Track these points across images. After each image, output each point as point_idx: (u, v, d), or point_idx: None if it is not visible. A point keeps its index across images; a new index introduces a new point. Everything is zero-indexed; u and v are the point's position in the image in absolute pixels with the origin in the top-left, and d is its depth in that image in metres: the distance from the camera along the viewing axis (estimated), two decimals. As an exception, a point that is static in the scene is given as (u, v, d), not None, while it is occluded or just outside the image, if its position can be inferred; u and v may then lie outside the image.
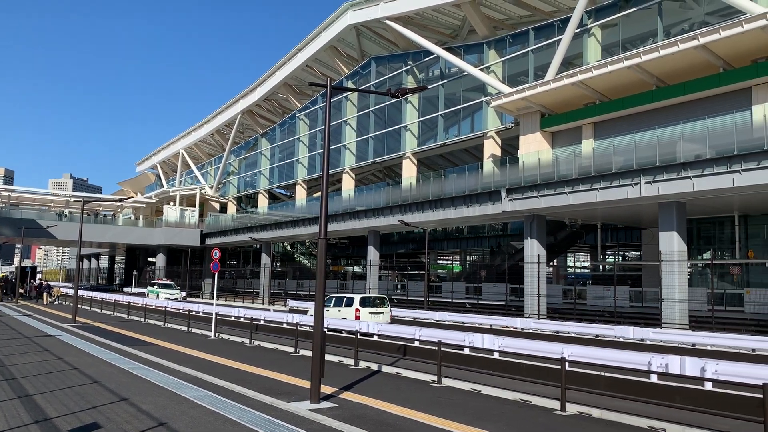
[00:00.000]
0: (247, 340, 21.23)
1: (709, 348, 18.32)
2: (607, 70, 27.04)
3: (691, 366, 11.67)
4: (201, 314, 29.74)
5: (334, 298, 27.06)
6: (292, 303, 41.24)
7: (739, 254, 29.57)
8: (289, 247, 74.72)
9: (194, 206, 69.35)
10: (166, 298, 38.99)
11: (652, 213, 26.99)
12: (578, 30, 30.35)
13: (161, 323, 28.45)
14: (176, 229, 65.59)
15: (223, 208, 71.02)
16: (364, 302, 25.82)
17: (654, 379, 11.72)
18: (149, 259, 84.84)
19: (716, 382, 10.74)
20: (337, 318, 24.38)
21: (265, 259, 57.40)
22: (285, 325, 24.33)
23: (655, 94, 27.19)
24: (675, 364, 11.91)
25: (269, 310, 36.71)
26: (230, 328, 25.24)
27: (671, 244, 25.01)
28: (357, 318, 20.87)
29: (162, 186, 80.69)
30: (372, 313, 25.14)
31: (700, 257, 31.96)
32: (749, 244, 30.12)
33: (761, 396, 8.15)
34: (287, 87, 55.42)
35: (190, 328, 26.02)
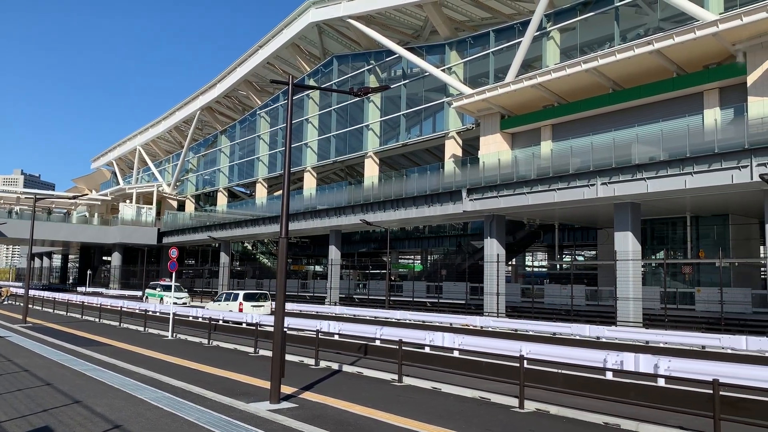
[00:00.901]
0: (205, 341, 20.92)
1: (661, 345, 18.83)
2: (566, 73, 27.55)
3: (644, 363, 11.98)
4: (158, 314, 29.19)
5: (224, 295, 33.04)
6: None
7: (691, 254, 30.48)
8: (249, 247, 73.92)
9: (151, 204, 67.99)
10: (173, 304, 27.32)
11: (607, 213, 27.61)
12: (538, 33, 30.84)
13: (116, 323, 27.80)
14: (132, 227, 64.21)
15: (181, 207, 69.84)
16: (247, 297, 31.14)
17: (609, 376, 11.99)
18: (104, 258, 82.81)
19: (668, 379, 11.05)
20: (225, 310, 29.60)
21: (224, 258, 56.67)
22: (244, 325, 24.07)
23: (612, 97, 27.83)
24: (629, 361, 12.21)
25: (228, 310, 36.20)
26: (188, 329, 24.83)
27: (626, 243, 25.63)
28: (240, 310, 22.82)
29: (118, 183, 78.90)
30: (254, 306, 30.21)
31: (653, 257, 32.82)
32: (700, 244, 31.07)
33: (711, 392, 8.42)
34: (248, 84, 54.81)
35: (146, 329, 25.50)
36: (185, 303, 39.58)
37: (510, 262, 44.28)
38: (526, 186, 28.23)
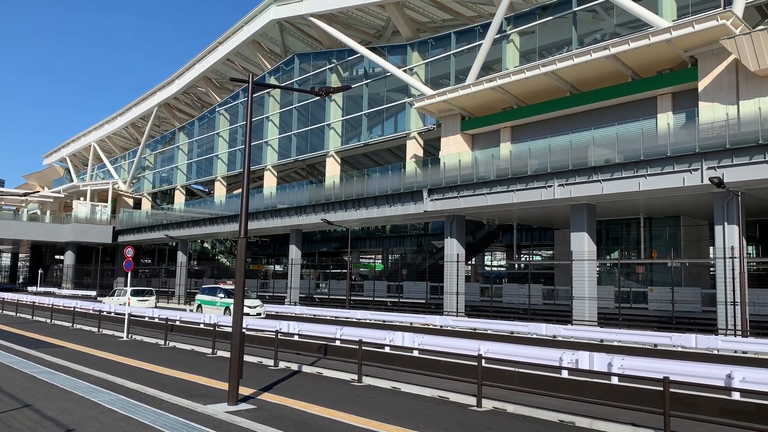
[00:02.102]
0: (162, 341, 20.55)
1: (615, 344, 19.29)
2: (525, 75, 27.97)
3: (598, 361, 12.25)
4: (113, 314, 28.53)
5: (116, 291, 38.90)
6: (210, 302, 40.18)
7: (644, 254, 31.28)
8: (207, 246, 72.84)
9: (106, 202, 66.32)
10: (246, 315, 22.37)
11: (564, 214, 28.14)
12: (498, 36, 31.22)
13: (69, 324, 27.08)
14: (87, 225, 62.53)
15: (138, 204, 68.35)
16: (134, 293, 37.32)
17: (565, 374, 12.22)
18: (57, 257, 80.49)
19: (621, 377, 11.34)
20: (115, 304, 33.22)
21: (181, 257, 55.70)
22: (202, 326, 23.73)
23: (569, 100, 28.37)
24: (584, 359, 12.47)
25: (185, 310, 35.68)
26: (144, 329, 24.35)
27: (582, 244, 26.17)
28: (128, 304, 24.78)
29: (71, 180, 76.73)
30: (140, 300, 36.85)
31: (608, 257, 33.57)
32: (653, 244, 31.92)
33: (661, 389, 8.67)
34: (207, 80, 53.99)
35: (100, 329, 24.91)
36: (260, 314, 29.15)
37: (470, 262, 44.71)
38: (486, 187, 28.56)
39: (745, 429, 8.55)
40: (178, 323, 24.49)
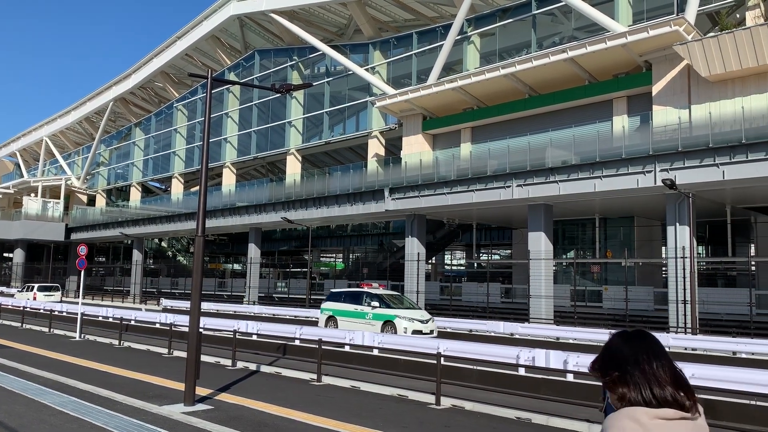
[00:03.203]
0: (116, 342, 20.07)
1: (571, 341, 19.68)
2: (485, 77, 28.28)
3: (555, 359, 12.47)
4: (65, 314, 27.74)
5: (26, 287, 40.90)
6: (166, 302, 39.52)
7: (599, 254, 31.97)
8: (164, 244, 71.49)
9: (59, 198, 64.41)
10: (413, 332, 19.67)
11: (522, 214, 28.55)
12: (459, 37, 31.48)
13: (18, 324, 26.21)
14: (38, 222, 60.63)
15: (92, 201, 66.59)
16: (41, 288, 40.34)
17: (522, 371, 12.40)
18: (5, 255, 77.81)
19: (577, 374, 11.55)
20: (23, 299, 34.08)
21: (137, 255, 54.53)
22: (158, 325, 23.27)
23: (528, 102, 28.80)
24: (541, 357, 12.68)
25: (141, 309, 34.95)
26: (97, 329, 23.74)
27: (539, 243, 26.59)
28: (35, 299, 24.21)
29: (22, 176, 74.27)
30: (46, 295, 38.68)
31: (564, 256, 34.21)
32: (608, 244, 32.64)
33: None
34: (165, 75, 52.97)
35: (51, 329, 24.19)
36: (432, 331, 21.01)
37: (430, 261, 45.01)
38: (447, 186, 28.76)
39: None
40: (133, 323, 23.96)
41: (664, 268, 29.75)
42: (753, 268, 28.43)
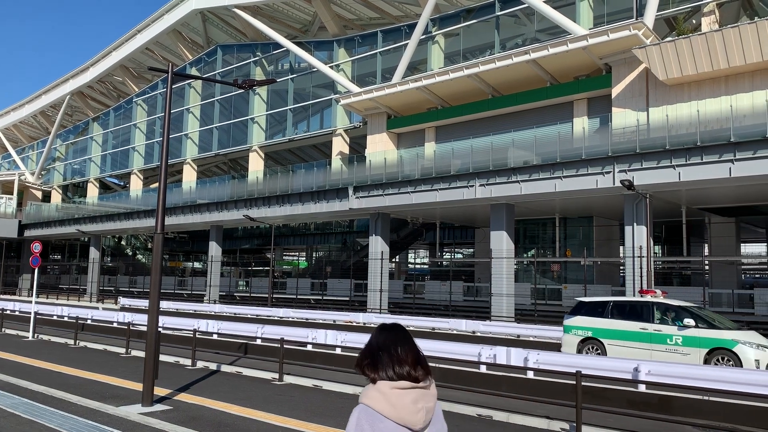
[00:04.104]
0: (71, 341, 19.55)
1: (531, 339, 19.95)
2: (449, 77, 28.46)
3: (515, 356, 12.62)
4: (17, 313, 26.90)
5: None
6: (124, 301, 38.71)
7: (559, 253, 32.50)
8: (123, 242, 69.92)
9: (11, 194, 62.38)
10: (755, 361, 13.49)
11: (485, 213, 28.83)
12: (423, 36, 31.59)
13: (-33, 324, 25.31)
14: (-11, 218, 58.65)
15: (47, 197, 64.71)
16: None
17: (483, 369, 12.51)
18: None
19: (537, 371, 11.71)
20: None
21: (93, 253, 53.21)
22: (115, 325, 22.77)
23: (491, 102, 29.08)
24: (502, 354, 12.82)
25: (98, 308, 34.14)
26: (52, 329, 23.09)
27: (501, 242, 26.88)
28: None
29: (-28, 170, 71.73)
30: None
31: (525, 255, 34.68)
32: (567, 243, 33.22)
33: (574, 382, 9.02)
34: (124, 69, 51.80)
35: (3, 329, 23.42)
36: None
37: (394, 260, 45.11)
38: (411, 185, 28.84)
39: (649, 419, 9.03)
40: (89, 322, 23.38)
41: (621, 267, 30.44)
42: (707, 267, 29.28)
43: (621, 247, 31.27)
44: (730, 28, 21.37)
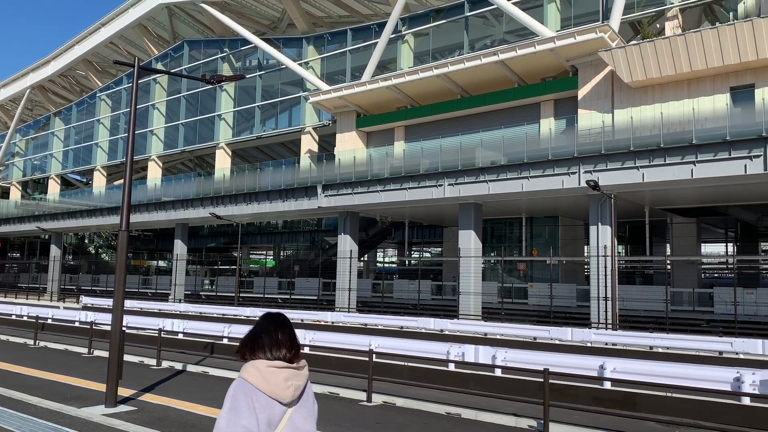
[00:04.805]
0: (31, 341, 19.03)
1: (499, 337, 20.11)
2: (418, 77, 28.53)
3: (483, 354, 12.70)
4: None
5: None
6: (86, 300, 37.85)
7: (525, 252, 32.86)
8: (86, 240, 68.41)
9: (-32, 190, 60.59)
10: None
11: (453, 213, 28.98)
12: (393, 36, 31.61)
13: None
14: (-56, 215, 56.76)
15: (5, 194, 62.92)
16: None
17: (452, 367, 12.56)
18: None
19: (505, 369, 11.81)
20: None
21: (54, 251, 51.91)
22: (77, 324, 22.25)
23: (460, 102, 29.25)
24: (470, 352, 12.88)
25: (59, 307, 33.32)
26: (10, 328, 22.45)
27: (469, 241, 27.06)
28: None
29: (-74, 165, 69.37)
30: None
31: (492, 254, 34.97)
32: (533, 243, 33.61)
33: (542, 380, 9.11)
34: (87, 63, 50.64)
35: (-42, 330, 22.69)
36: None
37: (362, 258, 45.03)
38: (380, 184, 28.84)
39: (615, 416, 9.18)
40: (50, 321, 22.81)
41: (586, 266, 30.91)
42: (669, 266, 29.94)
43: (586, 247, 31.75)
44: (693, 33, 21.90)
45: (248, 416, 2.56)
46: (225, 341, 16.69)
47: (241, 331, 17.57)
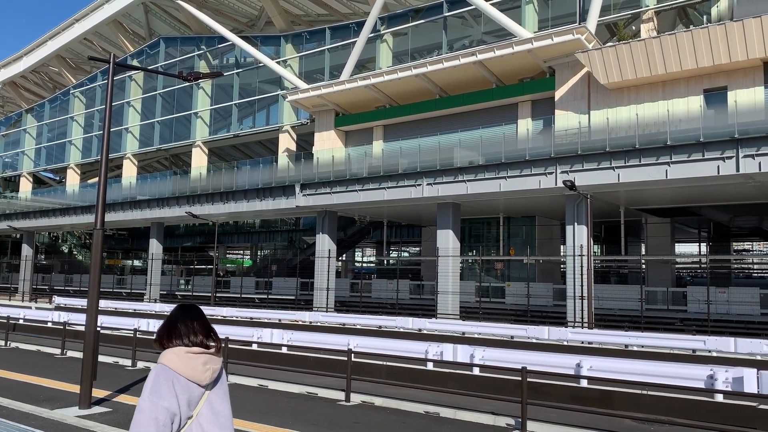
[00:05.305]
0: (2, 342, 18.65)
1: (476, 336, 20.20)
2: (397, 76, 28.55)
3: (462, 353, 12.74)
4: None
5: None
6: (59, 300, 37.21)
7: (503, 251, 33.07)
8: (59, 239, 67.29)
9: (-64, 188, 59.19)
10: None
11: (431, 212, 29.04)
12: (372, 35, 31.57)
13: None
14: None
15: (-25, 192, 61.65)
16: None
17: (430, 366, 12.58)
18: None
19: (483, 368, 11.86)
20: None
21: (26, 250, 50.96)
22: (50, 324, 21.87)
23: (438, 102, 29.33)
24: (448, 351, 12.92)
25: (31, 307, 32.71)
26: (-20, 329, 21.95)
27: (447, 241, 27.14)
28: None
29: None
30: None
31: (470, 253, 35.12)
32: (511, 242, 33.84)
33: (519, 378, 9.16)
34: (61, 60, 49.78)
35: (-74, 331, 22.13)
36: None
37: (341, 258, 44.93)
38: (359, 183, 28.79)
39: (591, 413, 9.27)
40: (21, 322, 22.38)
41: (562, 266, 31.19)
42: (643, 266, 30.34)
43: (562, 246, 32.07)
44: (667, 36, 22.22)
45: (169, 398, 2.75)
46: (202, 341, 16.49)
47: (219, 330, 17.32)
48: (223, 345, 12.69)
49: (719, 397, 9.58)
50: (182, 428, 2.82)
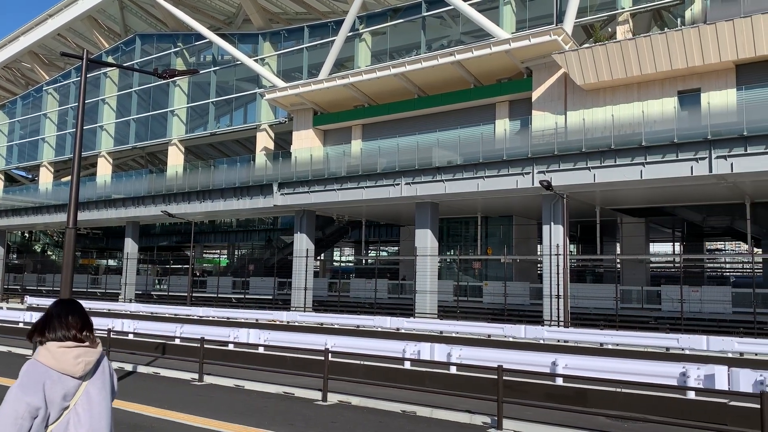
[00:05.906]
0: (-30, 344, 18.25)
1: (454, 335, 20.26)
2: (376, 75, 28.54)
3: (439, 352, 12.76)
4: None
5: None
6: (31, 300, 36.56)
7: (480, 251, 33.24)
8: (32, 238, 66.12)
9: None
10: None
11: (410, 212, 29.09)
12: (351, 34, 31.51)
13: None
14: None
15: (-56, 190, 60.25)
16: None
17: (408, 365, 12.58)
18: None
19: (460, 366, 11.89)
20: None
21: (-2, 249, 49.98)
22: (21, 325, 21.46)
23: (417, 102, 29.38)
24: (426, 350, 12.93)
25: (2, 308, 32.09)
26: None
27: (425, 240, 27.20)
28: None
29: None
30: None
31: (449, 253, 35.24)
32: (488, 242, 34.03)
33: (496, 377, 9.20)
34: (33, 56, 48.89)
35: None
36: None
37: (319, 257, 44.77)
38: (337, 183, 28.71)
39: (567, 411, 9.34)
40: (-9, 323, 21.91)
41: (539, 265, 31.43)
42: (618, 265, 30.71)
43: (539, 246, 32.31)
44: (642, 38, 22.51)
45: (33, 393, 2.86)
46: (177, 341, 16.33)
47: (195, 331, 17.25)
48: (199, 345, 12.48)
49: (691, 394, 9.71)
50: (60, 417, 2.96)
